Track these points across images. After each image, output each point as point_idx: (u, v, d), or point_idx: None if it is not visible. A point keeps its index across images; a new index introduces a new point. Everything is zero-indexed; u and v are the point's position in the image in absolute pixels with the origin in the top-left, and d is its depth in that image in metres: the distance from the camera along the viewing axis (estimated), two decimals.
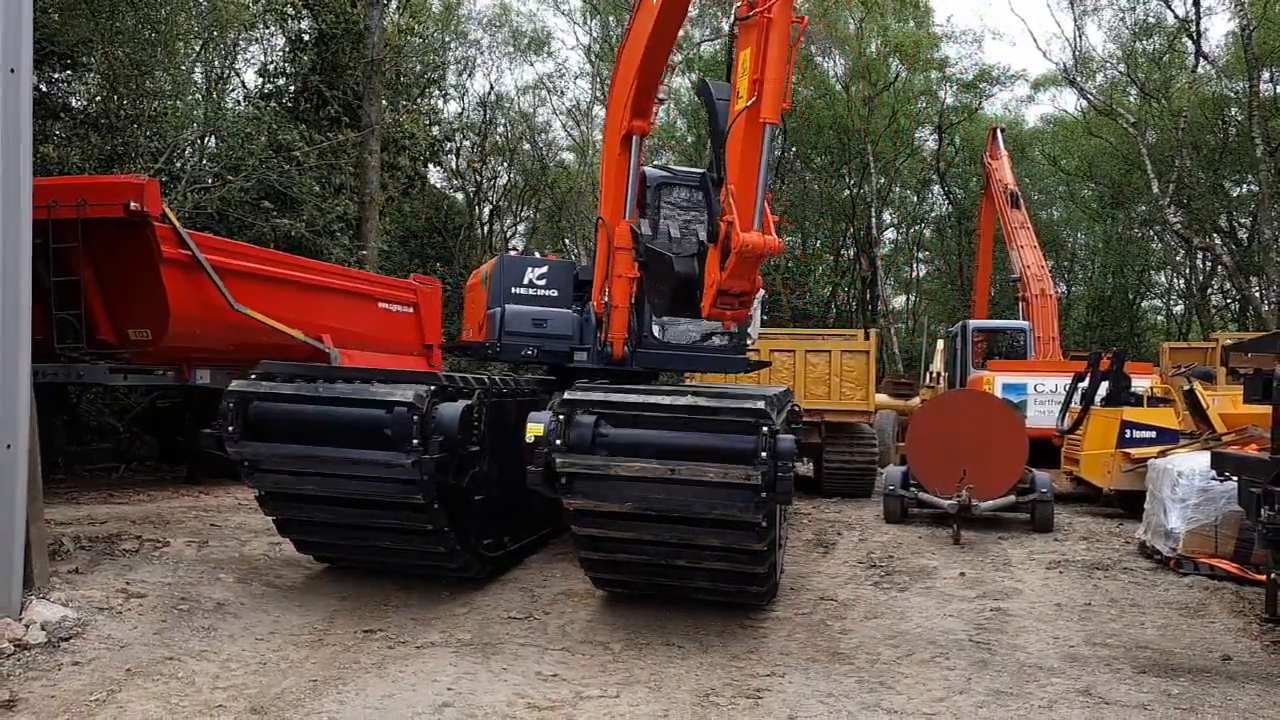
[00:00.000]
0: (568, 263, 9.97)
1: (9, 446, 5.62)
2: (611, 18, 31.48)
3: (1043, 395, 13.99)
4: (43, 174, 14.05)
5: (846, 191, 37.68)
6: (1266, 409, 6.63)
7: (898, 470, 11.49)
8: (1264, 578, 6.90)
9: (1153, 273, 40.11)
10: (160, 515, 9.13)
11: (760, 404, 5.56)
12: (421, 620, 6.29)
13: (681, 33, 33.84)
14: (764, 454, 5.41)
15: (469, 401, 6.30)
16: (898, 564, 8.71)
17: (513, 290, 8.86)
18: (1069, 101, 36.40)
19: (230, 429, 6.00)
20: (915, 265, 47.55)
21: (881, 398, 18.46)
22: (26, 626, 5.40)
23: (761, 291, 8.30)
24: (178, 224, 10.30)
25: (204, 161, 19.56)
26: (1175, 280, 41.02)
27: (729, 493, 5.55)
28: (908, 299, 48.02)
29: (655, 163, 18.12)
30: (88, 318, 10.10)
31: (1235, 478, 7.08)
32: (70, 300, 9.88)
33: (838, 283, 39.52)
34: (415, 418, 5.88)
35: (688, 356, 8.63)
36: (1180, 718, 4.88)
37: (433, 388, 6.17)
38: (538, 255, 12.48)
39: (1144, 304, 42.05)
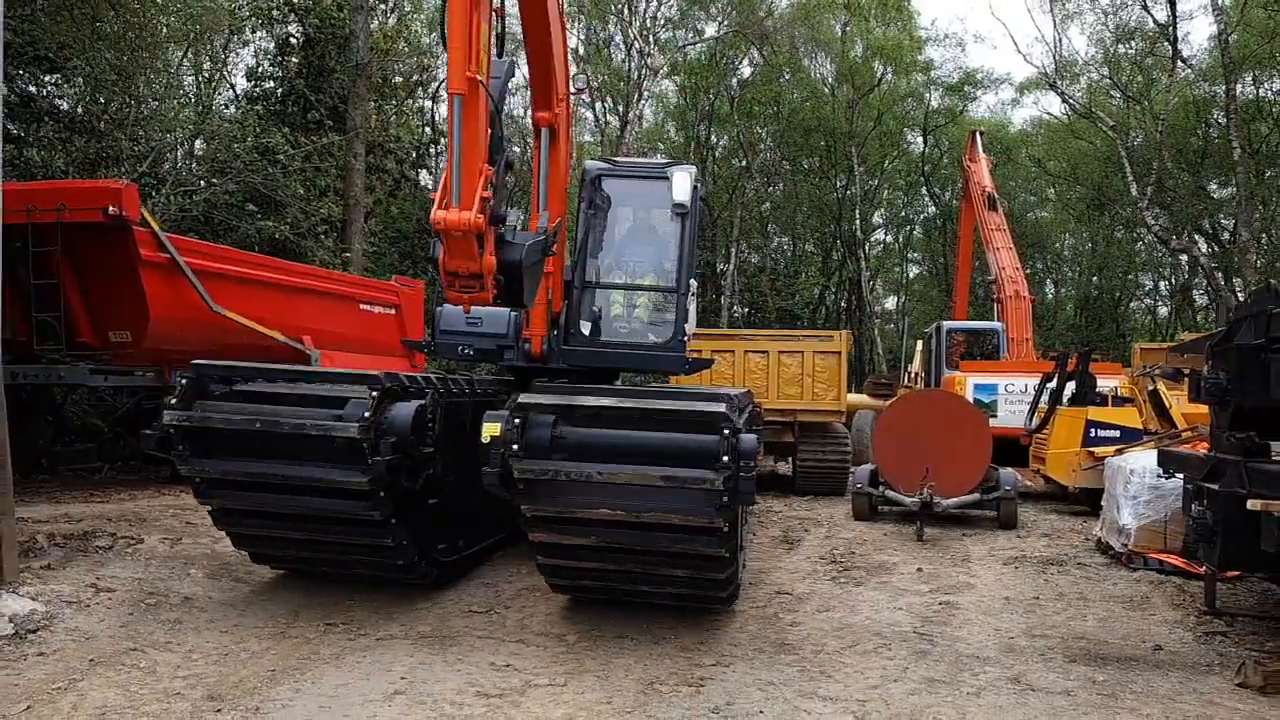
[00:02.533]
0: None
1: None
2: (596, 22, 31.69)
3: (1013, 395, 14.24)
4: (27, 177, 14.26)
5: (834, 193, 38.02)
6: None
7: (866, 468, 11.71)
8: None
9: (1139, 274, 40.51)
10: (138, 514, 9.31)
11: (722, 406, 5.48)
12: (384, 614, 6.49)
13: (666, 35, 33.91)
14: (725, 457, 5.34)
15: (422, 402, 6.28)
16: (858, 560, 8.93)
17: None
18: (1054, 104, 36.67)
19: (179, 448, 5.98)
20: (906, 266, 48.00)
21: (861, 398, 18.71)
22: None
23: (694, 283, 8.10)
24: (157, 227, 10.49)
25: (191, 164, 19.75)
26: (1160, 282, 41.42)
27: (690, 496, 5.49)
28: (899, 300, 48.40)
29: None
30: (68, 320, 10.29)
31: (1179, 475, 7.32)
32: (50, 303, 10.07)
33: (826, 284, 39.89)
34: (365, 414, 5.82)
35: (619, 354, 8.22)
36: (1100, 702, 5.11)
37: (386, 387, 6.06)
38: None
39: (1132, 305, 42.47)
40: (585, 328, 8.03)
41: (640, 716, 4.84)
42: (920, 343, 21.16)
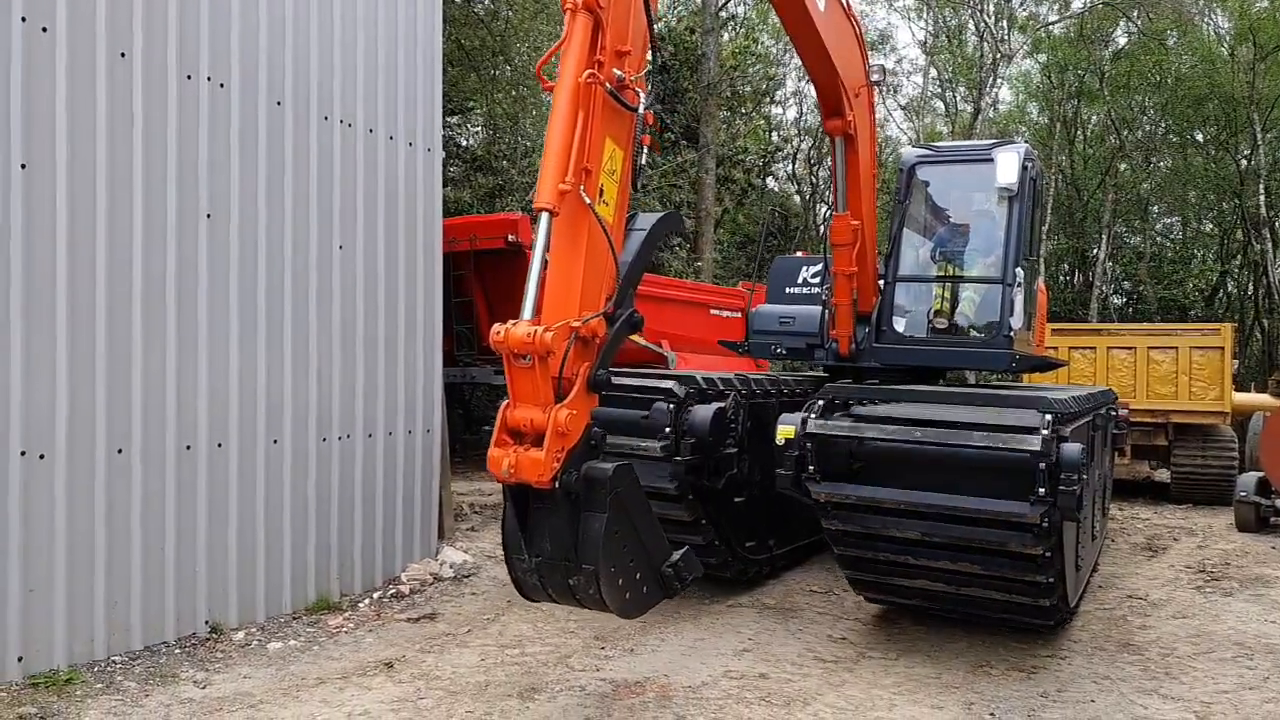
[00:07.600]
0: None
1: (429, 430, 7.47)
2: (948, 10, 30.79)
3: None
4: (443, 212, 17.16)
5: (1233, 166, 33.42)
6: None
7: (1252, 475, 10.63)
8: None
9: None
10: None
11: (1037, 444, 4.95)
12: (736, 586, 7.29)
13: (1025, 12, 32.05)
14: (1041, 489, 4.90)
15: (721, 405, 6.24)
16: (1232, 571, 8.28)
17: (786, 290, 8.74)
18: None
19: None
20: None
21: (1261, 398, 16.63)
22: (440, 565, 7.24)
23: (1019, 272, 7.13)
24: None
25: None
26: None
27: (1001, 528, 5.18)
28: None
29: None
30: (477, 330, 12.43)
31: None
32: (465, 316, 12.26)
33: (1225, 269, 35.16)
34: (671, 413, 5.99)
35: (935, 352, 7.49)
36: None
37: (682, 396, 6.10)
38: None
39: None
40: (899, 324, 7.53)
41: (967, 692, 5.14)
42: None
